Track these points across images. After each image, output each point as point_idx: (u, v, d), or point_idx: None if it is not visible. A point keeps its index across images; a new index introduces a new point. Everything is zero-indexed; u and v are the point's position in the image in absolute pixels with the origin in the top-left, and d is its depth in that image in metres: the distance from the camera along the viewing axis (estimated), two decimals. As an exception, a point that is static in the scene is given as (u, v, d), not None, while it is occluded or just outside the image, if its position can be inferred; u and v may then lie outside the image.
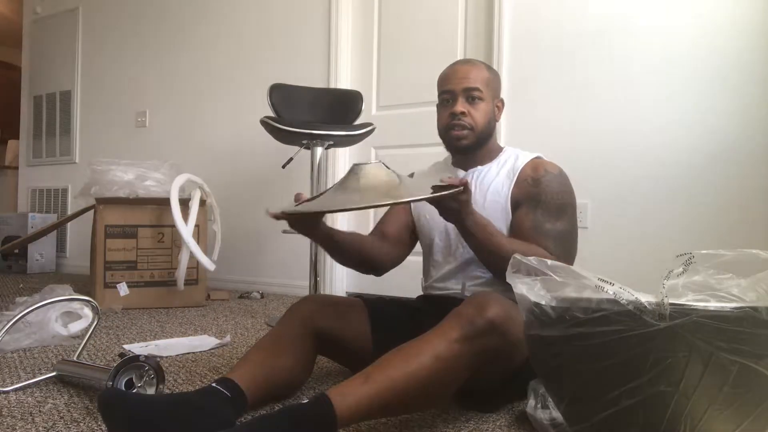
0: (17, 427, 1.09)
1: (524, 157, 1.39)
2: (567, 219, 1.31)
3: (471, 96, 1.35)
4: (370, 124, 2.33)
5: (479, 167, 1.41)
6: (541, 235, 1.28)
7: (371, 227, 3.04)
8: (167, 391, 1.32)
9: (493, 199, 1.35)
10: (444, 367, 0.98)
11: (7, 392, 1.31)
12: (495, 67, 2.62)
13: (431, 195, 1.07)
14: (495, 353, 1.04)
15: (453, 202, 1.12)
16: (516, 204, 1.34)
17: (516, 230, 1.32)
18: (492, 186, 1.37)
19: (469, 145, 1.37)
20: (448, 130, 1.38)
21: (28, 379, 1.38)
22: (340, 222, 3.06)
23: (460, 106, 1.34)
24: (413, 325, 1.30)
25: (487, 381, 1.16)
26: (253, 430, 0.90)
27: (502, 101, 1.44)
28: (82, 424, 1.11)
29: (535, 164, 1.36)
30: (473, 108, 1.35)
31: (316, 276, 2.31)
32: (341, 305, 1.35)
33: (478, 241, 1.21)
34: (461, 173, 1.42)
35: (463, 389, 1.14)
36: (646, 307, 0.75)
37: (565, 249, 1.29)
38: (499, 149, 1.44)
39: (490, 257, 1.23)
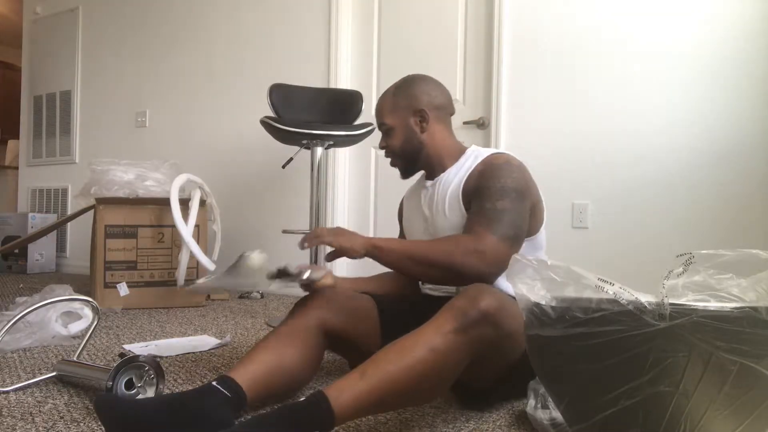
0: (17, 427, 1.09)
1: (482, 155, 1.37)
2: (509, 201, 1.24)
3: (383, 131, 1.46)
4: (370, 124, 2.33)
5: (442, 174, 1.42)
6: (478, 215, 1.24)
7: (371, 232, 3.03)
8: (167, 391, 1.32)
9: (451, 203, 1.35)
10: (439, 359, 0.99)
11: (7, 392, 1.31)
12: (495, 67, 2.63)
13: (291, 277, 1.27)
14: (490, 344, 1.04)
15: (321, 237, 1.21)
16: (467, 200, 1.32)
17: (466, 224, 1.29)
18: (450, 190, 1.37)
19: (403, 169, 1.47)
20: None
21: (28, 379, 1.38)
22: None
23: (381, 142, 1.47)
24: (423, 320, 1.30)
25: (485, 375, 1.16)
26: (250, 430, 0.90)
27: (421, 111, 1.40)
28: (82, 424, 1.11)
29: (486, 160, 1.35)
30: (389, 139, 1.45)
31: (316, 276, 2.31)
32: (352, 301, 1.34)
33: (395, 261, 1.23)
34: (428, 183, 1.44)
35: (463, 385, 1.14)
36: (646, 307, 0.75)
37: (501, 225, 1.21)
38: (461, 151, 1.43)
39: (419, 267, 1.22)
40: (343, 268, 3.10)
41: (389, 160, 1.48)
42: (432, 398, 1.18)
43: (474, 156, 1.39)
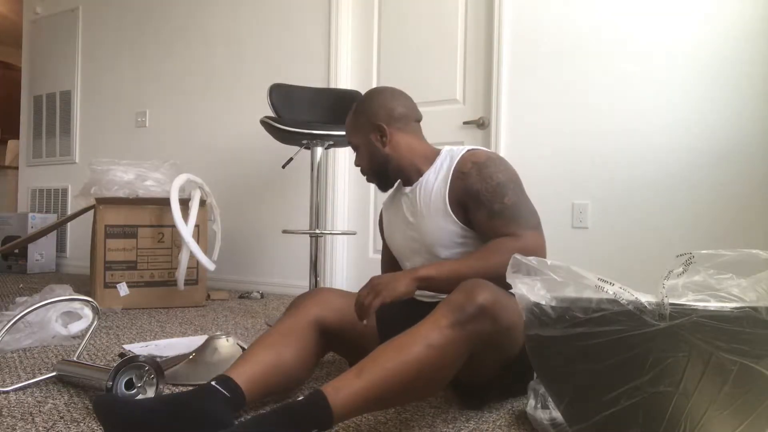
0: (17, 427, 1.09)
1: (457, 155, 1.37)
2: (512, 193, 1.27)
3: (354, 150, 1.50)
4: (370, 124, 2.33)
5: (420, 179, 1.42)
6: (496, 219, 1.25)
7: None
8: (167, 391, 1.32)
9: (436, 206, 1.35)
10: (437, 354, 0.98)
11: (7, 392, 1.31)
12: (495, 67, 2.63)
13: None
14: (487, 338, 1.04)
15: (371, 294, 1.17)
16: (457, 203, 1.32)
17: (478, 230, 1.30)
18: (433, 193, 1.36)
19: (378, 183, 1.50)
20: None
21: (28, 379, 1.38)
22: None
23: (355, 161, 1.51)
24: (420, 319, 1.30)
25: (484, 370, 1.16)
26: (250, 430, 0.90)
27: (379, 126, 1.42)
28: (82, 424, 1.11)
29: (464, 159, 1.35)
30: (359, 157, 1.49)
31: (316, 276, 2.31)
32: (348, 299, 1.34)
33: (450, 286, 1.18)
34: (407, 189, 1.44)
35: (462, 383, 1.13)
36: (646, 307, 0.75)
37: (525, 219, 1.26)
38: (435, 154, 1.44)
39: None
40: (343, 270, 3.10)
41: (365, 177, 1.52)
42: (430, 394, 1.18)
43: (449, 156, 1.39)
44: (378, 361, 0.97)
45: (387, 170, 1.45)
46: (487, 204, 1.26)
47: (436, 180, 1.37)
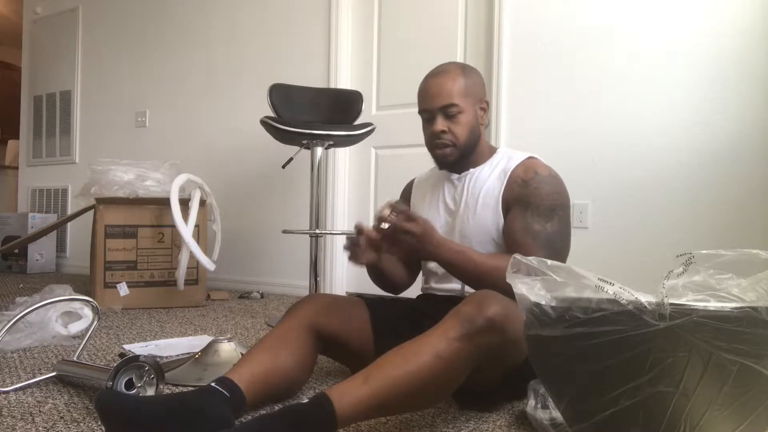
0: (17, 427, 1.09)
1: (517, 158, 1.37)
2: (558, 220, 1.29)
3: (448, 113, 1.33)
4: (370, 124, 2.33)
5: (472, 170, 1.41)
6: (529, 237, 1.27)
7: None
8: (167, 391, 1.32)
9: (485, 201, 1.35)
10: (444, 365, 0.99)
11: (7, 392, 1.31)
12: (495, 67, 2.63)
13: None
14: (495, 351, 1.05)
15: (409, 237, 1.17)
16: (507, 206, 1.33)
17: (507, 233, 1.31)
18: (484, 188, 1.36)
19: (454, 160, 1.38)
20: (433, 149, 1.38)
21: (28, 379, 1.38)
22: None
23: (440, 124, 1.33)
24: (414, 325, 1.30)
25: (487, 379, 1.16)
26: (252, 431, 0.90)
27: (486, 102, 1.40)
28: (82, 424, 1.11)
29: (526, 165, 1.35)
30: (453, 123, 1.34)
31: (316, 276, 2.31)
32: (343, 305, 1.36)
33: (454, 268, 1.23)
34: (455, 176, 1.43)
35: (463, 388, 1.13)
36: (646, 307, 0.75)
37: (555, 250, 1.27)
38: (492, 150, 1.43)
39: (471, 278, 1.25)
40: (343, 270, 3.10)
41: (438, 143, 1.35)
42: (435, 403, 1.18)
43: (507, 158, 1.39)
44: (384, 369, 0.98)
45: (473, 149, 1.38)
46: (530, 219, 1.27)
47: (489, 177, 1.37)
